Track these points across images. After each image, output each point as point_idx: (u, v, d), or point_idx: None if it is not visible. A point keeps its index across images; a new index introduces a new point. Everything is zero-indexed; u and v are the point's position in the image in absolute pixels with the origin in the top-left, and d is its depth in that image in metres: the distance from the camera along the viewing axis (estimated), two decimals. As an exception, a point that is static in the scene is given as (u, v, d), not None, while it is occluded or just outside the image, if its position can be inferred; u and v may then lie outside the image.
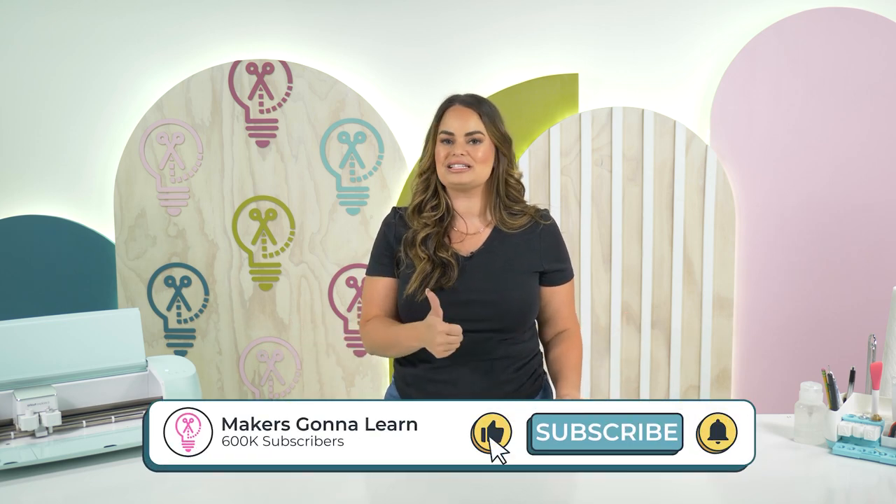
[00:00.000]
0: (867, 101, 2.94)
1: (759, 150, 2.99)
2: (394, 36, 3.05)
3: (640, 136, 2.97)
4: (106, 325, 1.81)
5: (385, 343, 1.90)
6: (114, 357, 1.80)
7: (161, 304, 3.16)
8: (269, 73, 3.03)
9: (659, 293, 3.04)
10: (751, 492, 1.51)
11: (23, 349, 1.72)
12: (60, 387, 1.73)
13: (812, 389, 1.73)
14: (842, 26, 2.91)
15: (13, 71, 3.10)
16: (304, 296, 3.13)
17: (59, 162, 3.14)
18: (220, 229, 3.12)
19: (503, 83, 3.01)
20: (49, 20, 3.06)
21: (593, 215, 3.03)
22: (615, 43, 3.00)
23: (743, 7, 2.96)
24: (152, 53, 3.07)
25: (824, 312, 3.03)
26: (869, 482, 1.56)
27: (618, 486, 1.53)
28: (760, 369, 3.07)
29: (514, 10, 3.01)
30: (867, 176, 2.97)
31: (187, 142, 3.07)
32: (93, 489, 1.54)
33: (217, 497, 1.52)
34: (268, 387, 3.18)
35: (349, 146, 3.06)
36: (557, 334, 1.97)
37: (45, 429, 1.69)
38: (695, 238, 3.01)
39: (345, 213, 3.10)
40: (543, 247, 1.93)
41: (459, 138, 1.86)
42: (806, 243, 3.02)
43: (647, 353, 3.07)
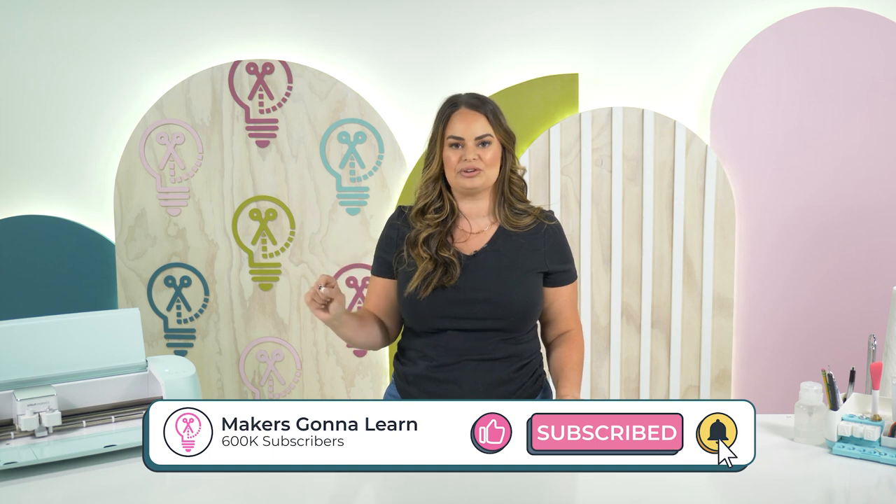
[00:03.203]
0: (867, 101, 2.94)
1: (759, 150, 2.99)
2: (394, 36, 3.05)
3: (640, 136, 2.97)
4: (106, 325, 1.81)
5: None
6: (114, 357, 1.80)
7: (161, 304, 3.16)
8: (269, 73, 3.03)
9: (659, 293, 3.04)
10: (751, 492, 1.51)
11: (23, 349, 1.72)
12: (60, 387, 1.73)
13: (812, 389, 1.73)
14: (842, 26, 2.91)
15: (13, 71, 3.10)
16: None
17: (59, 162, 3.14)
18: (220, 229, 3.12)
19: (503, 83, 3.01)
20: (49, 20, 3.06)
21: (593, 215, 3.03)
22: (615, 43, 3.01)
23: (743, 7, 2.96)
24: (152, 53, 3.07)
25: (824, 312, 3.03)
26: (869, 482, 1.56)
27: (618, 487, 1.53)
28: (760, 369, 3.07)
29: (514, 10, 3.01)
30: (867, 176, 2.97)
31: (187, 142, 3.07)
32: (93, 489, 1.54)
33: (217, 497, 1.52)
34: (268, 387, 3.18)
35: (349, 146, 3.06)
36: (560, 335, 1.97)
37: (45, 429, 1.69)
38: (695, 238, 3.01)
39: (345, 213, 3.10)
40: (548, 247, 1.93)
41: (469, 142, 1.85)
42: (806, 243, 3.02)
43: (647, 353, 3.07)
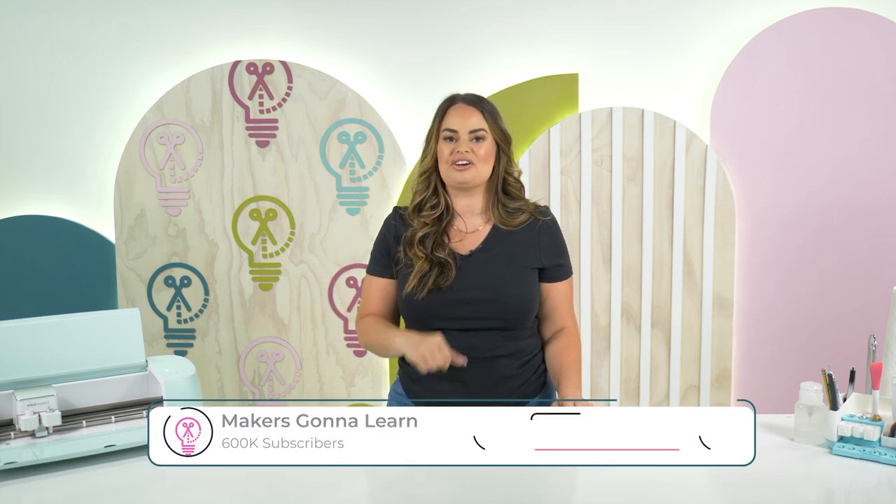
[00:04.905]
0: (867, 101, 2.94)
1: (759, 150, 2.99)
2: (394, 36, 3.05)
3: (640, 136, 2.97)
4: (106, 325, 1.81)
5: (377, 342, 1.93)
6: (114, 357, 1.80)
7: (161, 304, 3.16)
8: (269, 73, 3.03)
9: (659, 293, 3.04)
10: (751, 492, 1.51)
11: (23, 349, 1.72)
12: (60, 387, 1.73)
13: (812, 389, 1.73)
14: (842, 26, 2.91)
15: (13, 71, 3.10)
16: (304, 296, 3.13)
17: (59, 162, 3.14)
18: (220, 229, 3.12)
19: (503, 83, 3.01)
20: (49, 20, 3.06)
21: (593, 215, 3.03)
22: (615, 43, 3.00)
23: (743, 7, 2.96)
24: (152, 53, 3.07)
25: (824, 312, 3.03)
26: (869, 482, 1.56)
27: (618, 487, 1.53)
28: (760, 369, 3.07)
29: (514, 10, 3.01)
30: (867, 176, 2.97)
31: (187, 142, 3.07)
32: (93, 489, 1.54)
33: (217, 497, 1.52)
34: (268, 387, 3.18)
35: (349, 146, 3.06)
36: (555, 332, 1.97)
37: (45, 429, 1.69)
38: (695, 238, 3.01)
39: (345, 213, 3.10)
40: (543, 243, 1.94)
41: (463, 136, 1.88)
42: (806, 243, 3.02)
43: (647, 353, 3.07)
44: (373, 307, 1.98)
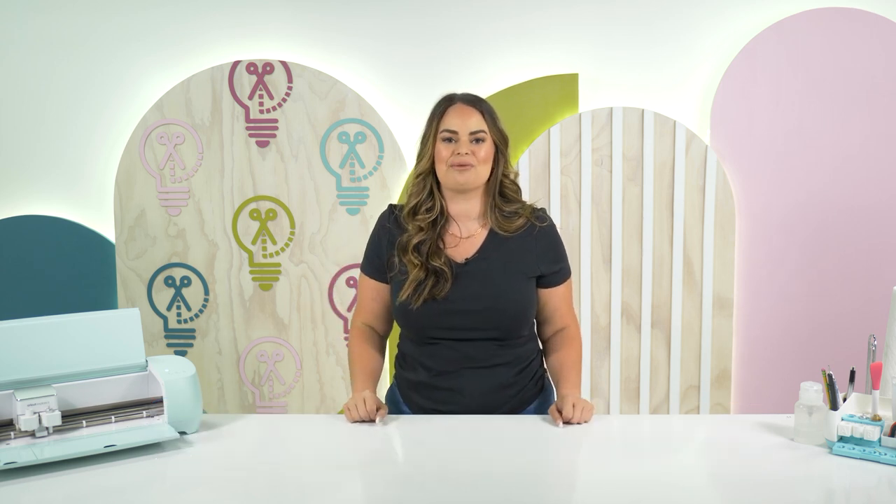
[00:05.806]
0: (867, 101, 2.94)
1: (759, 150, 2.99)
2: (394, 36, 3.04)
3: (640, 136, 2.97)
4: (106, 325, 1.81)
5: (349, 367, 1.98)
6: (114, 357, 1.79)
7: (161, 304, 3.16)
8: (269, 73, 3.03)
9: (659, 293, 3.04)
10: (751, 492, 1.51)
11: (23, 349, 1.72)
12: (60, 387, 1.73)
13: (812, 389, 1.73)
14: (842, 26, 2.91)
15: (13, 71, 3.10)
16: (304, 296, 3.13)
17: (59, 162, 3.14)
18: (220, 229, 3.12)
19: (503, 83, 3.01)
20: (49, 20, 3.06)
21: (593, 215, 3.02)
22: (615, 43, 3.00)
23: (743, 7, 2.96)
24: (152, 53, 3.07)
25: (824, 312, 3.03)
26: (869, 482, 1.55)
27: (618, 487, 1.53)
28: (760, 369, 3.07)
29: (514, 10, 3.01)
30: (867, 176, 2.97)
31: (187, 142, 3.07)
32: (93, 489, 1.54)
33: (217, 497, 1.52)
34: (268, 387, 3.18)
35: (349, 146, 3.06)
36: (556, 332, 1.96)
37: (45, 429, 1.69)
38: (695, 238, 3.01)
39: (345, 213, 3.10)
40: (540, 250, 1.90)
41: (463, 137, 1.84)
42: (806, 243, 3.02)
43: (647, 353, 3.06)
44: (366, 307, 1.98)
